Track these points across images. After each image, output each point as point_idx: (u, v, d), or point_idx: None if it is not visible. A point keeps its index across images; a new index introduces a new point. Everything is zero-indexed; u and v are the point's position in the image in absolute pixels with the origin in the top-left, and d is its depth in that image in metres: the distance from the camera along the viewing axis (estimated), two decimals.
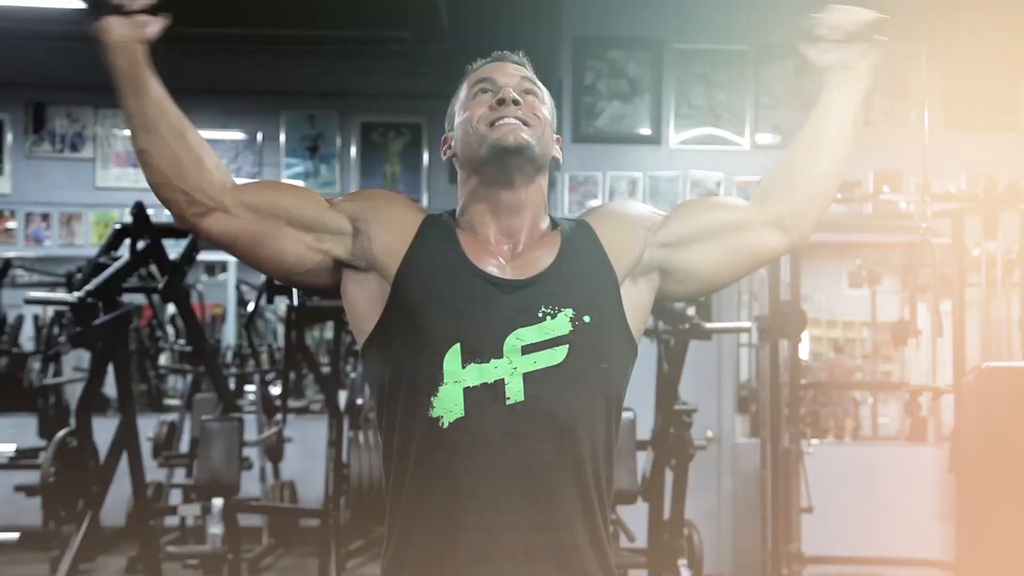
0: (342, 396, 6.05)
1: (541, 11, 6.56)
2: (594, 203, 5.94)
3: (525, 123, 1.66)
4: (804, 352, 8.51)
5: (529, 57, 1.80)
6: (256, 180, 1.68)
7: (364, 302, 1.65)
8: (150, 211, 4.72)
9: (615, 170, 6.00)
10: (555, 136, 1.75)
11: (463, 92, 1.74)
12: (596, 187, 5.98)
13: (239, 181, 1.68)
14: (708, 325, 4.36)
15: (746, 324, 5.26)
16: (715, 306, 5.78)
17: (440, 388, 1.55)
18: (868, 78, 1.75)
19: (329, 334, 7.82)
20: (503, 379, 1.55)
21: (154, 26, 1.61)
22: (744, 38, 6.04)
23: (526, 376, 1.55)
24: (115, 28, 1.60)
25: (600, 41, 6.04)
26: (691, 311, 4.43)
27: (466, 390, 1.55)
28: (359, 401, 6.40)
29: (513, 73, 1.72)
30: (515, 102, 1.66)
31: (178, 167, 1.58)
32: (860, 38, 1.73)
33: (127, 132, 6.66)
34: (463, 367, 1.55)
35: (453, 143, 1.74)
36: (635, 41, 6.02)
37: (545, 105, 1.73)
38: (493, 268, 1.62)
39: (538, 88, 1.74)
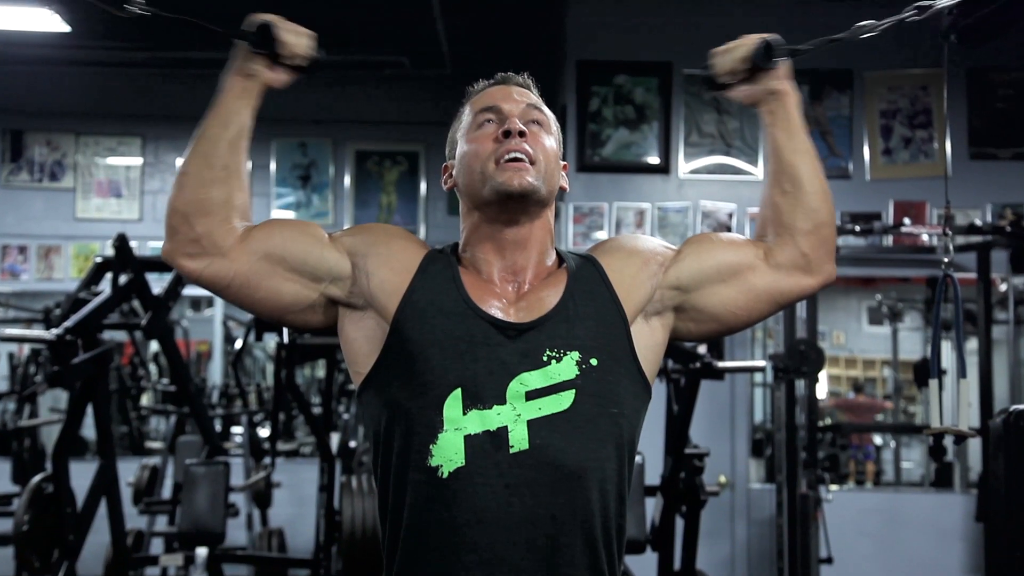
0: (334, 438, 6.02)
1: (544, 34, 6.61)
2: (600, 235, 5.94)
3: (531, 159, 1.66)
4: (822, 392, 8.48)
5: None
6: (262, 222, 1.69)
7: (361, 342, 1.65)
8: (133, 243, 4.72)
9: (622, 201, 6.01)
10: (561, 163, 1.76)
11: (465, 118, 1.74)
12: (602, 218, 5.99)
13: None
14: (720, 364, 4.34)
15: (761, 363, 5.24)
16: (728, 344, 5.78)
17: (439, 435, 1.54)
18: (792, 93, 1.76)
19: (321, 373, 7.80)
20: (506, 426, 1.54)
21: (288, 80, 1.73)
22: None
23: (531, 423, 1.55)
24: (255, 62, 1.68)
25: (605, 66, 6.07)
26: (702, 349, 4.41)
27: (467, 438, 1.54)
28: (352, 444, 6.38)
29: (519, 99, 1.72)
30: (521, 133, 1.66)
31: (206, 208, 1.61)
32: (759, 67, 1.74)
33: (109, 160, 6.61)
34: (464, 413, 1.54)
35: (454, 173, 1.74)
36: (642, 65, 6.06)
37: (552, 135, 1.73)
38: (497, 310, 1.62)
39: (545, 115, 1.74)
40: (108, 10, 1.61)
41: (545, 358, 1.58)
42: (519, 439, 1.54)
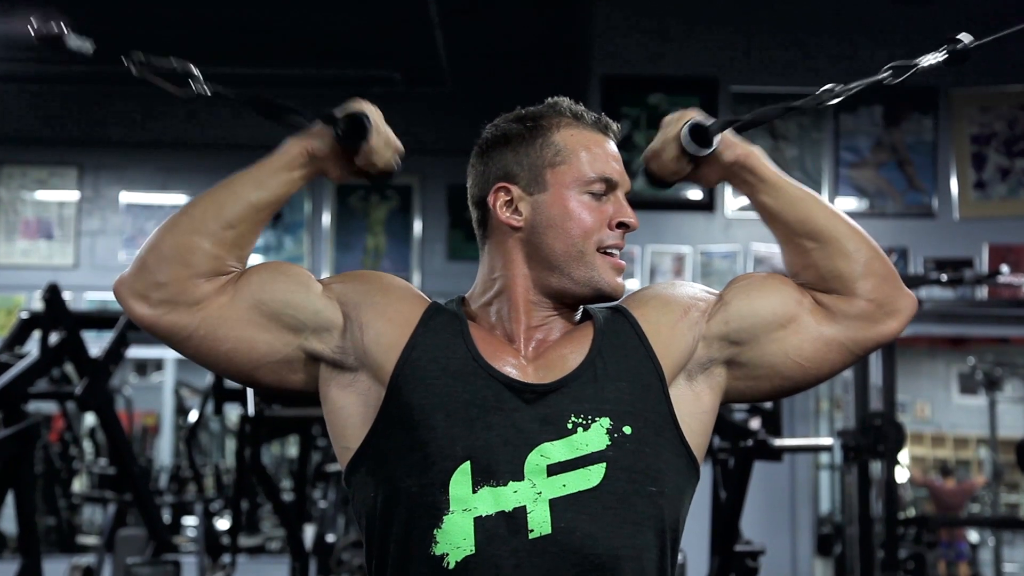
0: (308, 532, 6.01)
1: (562, 45, 6.67)
2: (630, 285, 5.96)
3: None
4: (903, 477, 8.44)
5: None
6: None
7: (350, 410, 1.66)
8: (66, 295, 4.74)
9: (657, 243, 6.03)
10: None
11: (571, 158, 1.71)
12: (633, 265, 6.01)
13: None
14: (778, 441, 4.34)
15: (827, 441, 5.23)
16: (787, 417, 5.76)
17: (445, 518, 1.56)
18: (752, 152, 1.78)
19: (293, 451, 7.79)
20: (524, 506, 1.56)
21: (346, 179, 1.78)
22: (821, 77, 6.09)
23: (553, 503, 1.56)
24: (328, 148, 1.72)
25: (637, 82, 6.12)
26: (755, 423, 4.41)
27: (477, 521, 1.55)
28: (330, 538, 6.35)
29: (621, 165, 1.75)
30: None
31: (187, 258, 1.63)
32: (697, 146, 1.75)
33: (38, 195, 6.60)
34: (474, 491, 1.56)
35: (528, 214, 1.71)
36: (682, 81, 6.11)
37: None
38: (511, 368, 1.64)
39: None
40: (173, 91, 1.67)
41: (570, 425, 1.59)
42: (539, 522, 1.55)
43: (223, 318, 1.64)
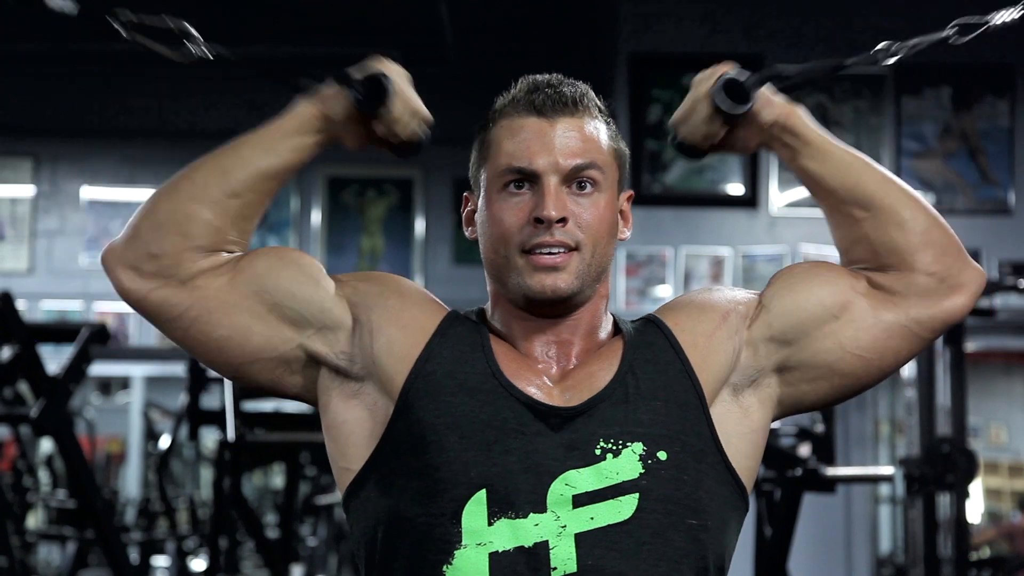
0: (296, 573, 6.02)
1: (584, 19, 6.67)
2: (661, 292, 5.96)
3: (572, 246, 1.66)
4: (975, 512, 8.43)
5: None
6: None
7: (354, 424, 1.67)
8: (20, 304, 4.76)
9: (692, 244, 6.02)
10: (625, 195, 1.76)
11: (493, 150, 1.71)
12: (664, 269, 6.01)
13: None
14: (831, 471, 4.33)
15: (887, 470, 5.23)
16: (840, 442, 5.76)
17: (456, 553, 1.56)
18: (793, 111, 1.77)
19: (278, 481, 7.80)
20: (547, 541, 1.56)
21: (363, 147, 1.78)
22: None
23: (579, 538, 1.56)
24: (345, 112, 1.73)
25: (670, 60, 6.12)
26: (805, 449, 4.41)
27: (493, 557, 1.56)
28: None
29: (562, 147, 1.68)
30: (560, 220, 1.66)
31: (184, 227, 1.65)
32: (732, 103, 1.74)
33: None
34: (490, 523, 1.57)
35: (477, 224, 1.74)
36: (721, 59, 6.10)
37: (602, 191, 1.70)
38: (535, 389, 1.64)
39: (599, 163, 1.71)
40: (167, 55, 1.69)
41: (598, 451, 1.60)
42: (564, 559, 1.56)
43: (220, 301, 1.66)
